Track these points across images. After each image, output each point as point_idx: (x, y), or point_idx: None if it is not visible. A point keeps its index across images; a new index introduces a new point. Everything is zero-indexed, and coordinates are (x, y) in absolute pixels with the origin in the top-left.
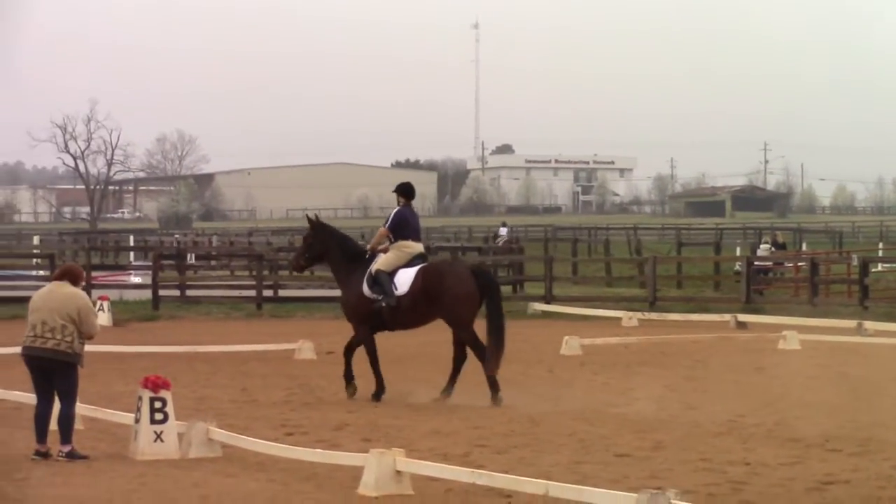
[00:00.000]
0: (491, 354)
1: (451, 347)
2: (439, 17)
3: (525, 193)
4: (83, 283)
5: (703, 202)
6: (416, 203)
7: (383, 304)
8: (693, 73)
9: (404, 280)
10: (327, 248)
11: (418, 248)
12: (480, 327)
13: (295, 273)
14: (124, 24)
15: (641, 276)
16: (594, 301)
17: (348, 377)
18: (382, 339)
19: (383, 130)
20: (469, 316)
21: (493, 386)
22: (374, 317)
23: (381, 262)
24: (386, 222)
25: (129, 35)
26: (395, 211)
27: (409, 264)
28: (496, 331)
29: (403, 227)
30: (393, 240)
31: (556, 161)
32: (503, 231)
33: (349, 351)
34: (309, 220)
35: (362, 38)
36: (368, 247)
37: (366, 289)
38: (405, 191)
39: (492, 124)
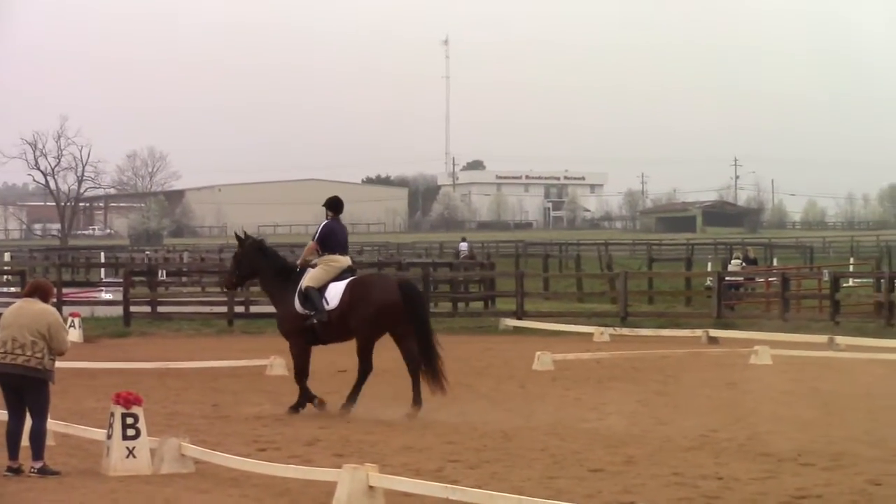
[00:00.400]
0: (429, 370)
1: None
2: (409, 33)
3: (496, 209)
4: (53, 300)
5: (674, 217)
6: (387, 219)
7: (315, 321)
8: (663, 89)
9: (334, 294)
10: (257, 265)
11: (346, 261)
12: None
13: (226, 290)
14: (95, 38)
15: (613, 291)
16: (566, 316)
17: (309, 398)
18: (350, 358)
19: (354, 146)
20: (392, 327)
21: (417, 399)
22: (307, 332)
23: (309, 279)
24: (314, 237)
25: (100, 50)
26: (322, 224)
27: (338, 278)
28: (427, 344)
29: (331, 240)
30: (321, 253)
31: (527, 177)
32: (463, 246)
33: (299, 376)
34: (237, 237)
35: (333, 53)
36: (298, 262)
37: (297, 305)
38: (333, 205)
39: (462, 140)
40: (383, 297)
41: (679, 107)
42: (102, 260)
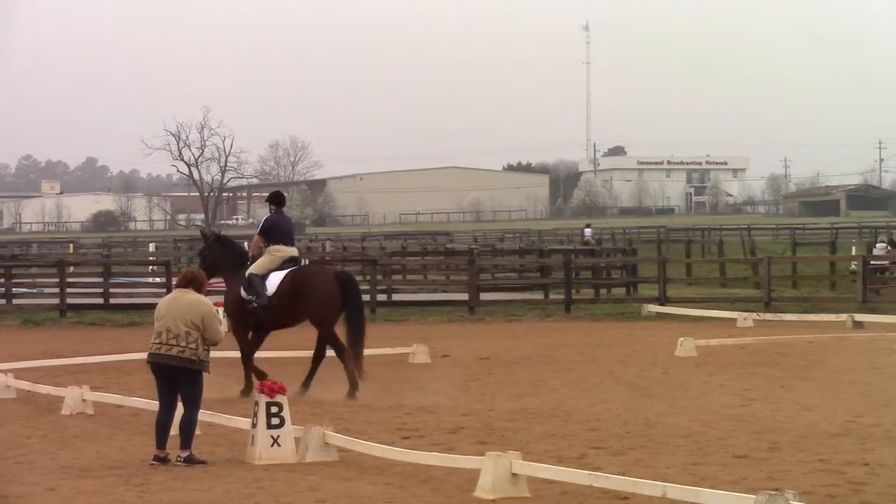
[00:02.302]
0: (351, 354)
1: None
2: (550, 20)
3: (637, 195)
4: (206, 290)
5: (818, 202)
6: (528, 206)
7: (255, 305)
8: (806, 72)
9: (274, 282)
10: (217, 255)
11: (289, 251)
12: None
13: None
14: (235, 32)
15: (756, 276)
16: (709, 302)
17: (258, 375)
18: (492, 344)
19: (495, 134)
20: (330, 315)
21: (353, 383)
22: (250, 317)
23: (254, 267)
24: (258, 230)
25: (241, 42)
26: (265, 218)
27: (280, 267)
28: (356, 331)
29: (274, 232)
30: (266, 244)
31: (669, 162)
32: (588, 232)
33: (245, 357)
34: (202, 233)
35: (472, 41)
36: (250, 254)
37: (242, 291)
38: (275, 199)
39: (603, 126)
40: (319, 287)
41: (822, 90)
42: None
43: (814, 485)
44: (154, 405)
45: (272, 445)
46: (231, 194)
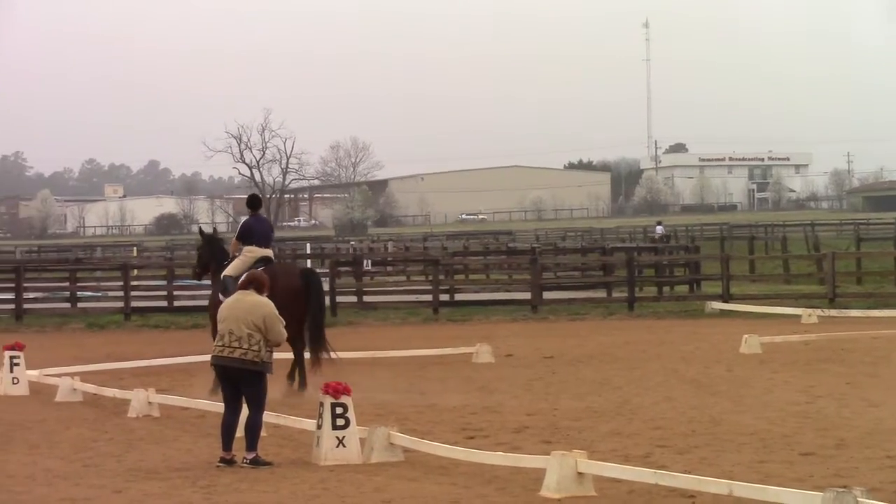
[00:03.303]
0: (312, 352)
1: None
2: (609, 17)
3: (699, 192)
4: (268, 292)
5: (882, 196)
6: (590, 204)
7: None
8: (870, 67)
9: None
10: (207, 256)
11: (262, 252)
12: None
13: (196, 281)
14: (296, 33)
15: (820, 272)
16: (772, 299)
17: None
18: (555, 343)
19: (556, 132)
20: (295, 312)
21: (303, 380)
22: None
23: (229, 269)
24: (236, 233)
25: (301, 45)
26: (242, 221)
27: (253, 268)
28: (315, 327)
29: (248, 235)
30: (242, 246)
31: (730, 159)
32: (659, 229)
33: None
34: (200, 232)
35: (532, 40)
36: (230, 256)
37: (220, 293)
38: (250, 202)
39: (664, 123)
40: (286, 284)
41: (884, 85)
42: (308, 251)
43: (881, 481)
44: (219, 407)
45: (337, 446)
46: (293, 196)
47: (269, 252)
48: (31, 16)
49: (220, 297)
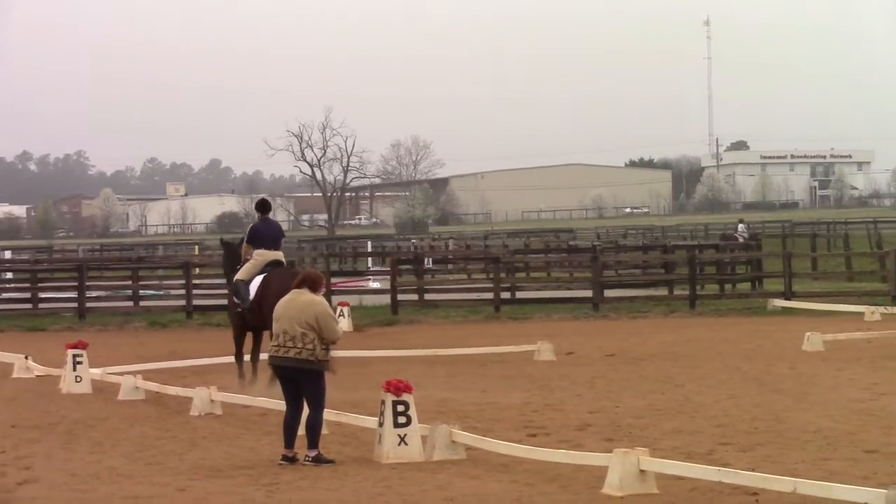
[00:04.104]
0: None
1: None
2: (670, 14)
3: (761, 189)
4: (323, 290)
5: None
6: (651, 202)
7: (239, 309)
8: None
9: (253, 286)
10: (227, 263)
11: (272, 255)
12: None
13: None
14: (357, 31)
15: (883, 269)
16: (835, 296)
17: (239, 374)
18: (616, 341)
19: (616, 130)
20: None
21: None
22: (240, 318)
23: (240, 272)
24: (245, 238)
25: (363, 42)
26: (250, 226)
27: (262, 271)
28: None
29: (258, 238)
30: (252, 250)
31: (792, 156)
32: (741, 228)
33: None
34: (221, 241)
35: (592, 38)
36: (242, 260)
37: (233, 296)
38: (259, 206)
39: (725, 120)
40: (281, 290)
41: None
42: (369, 249)
43: None
44: (281, 405)
45: (399, 444)
46: (353, 194)
47: (278, 255)
48: (94, 19)
49: (235, 298)
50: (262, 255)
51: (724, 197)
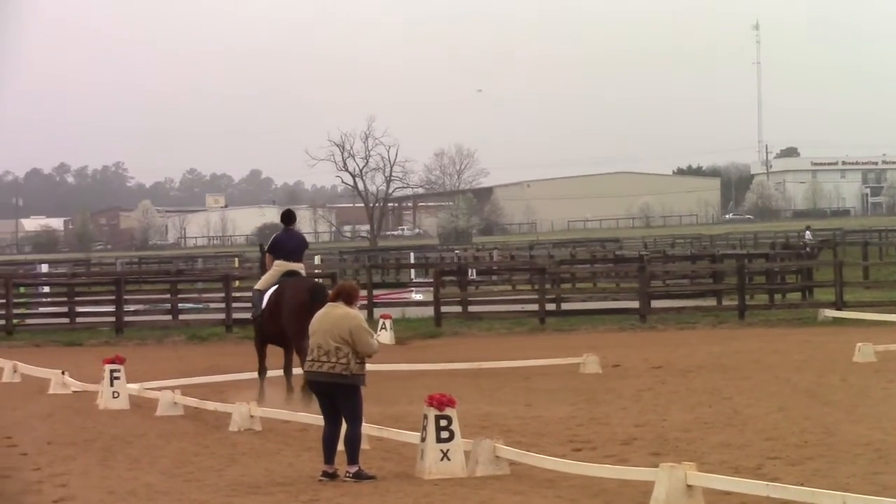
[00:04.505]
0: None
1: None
2: (718, 20)
3: (811, 197)
4: (358, 303)
5: None
6: (699, 210)
7: (251, 317)
8: None
9: (268, 296)
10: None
11: (289, 266)
12: None
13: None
14: (397, 41)
15: None
16: (887, 306)
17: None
18: (664, 352)
19: (664, 137)
20: (295, 328)
21: (289, 382)
22: (258, 329)
23: (259, 283)
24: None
25: (402, 52)
26: (273, 236)
27: (279, 282)
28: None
29: (278, 249)
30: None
31: (844, 163)
32: (808, 235)
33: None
34: (261, 249)
35: (639, 43)
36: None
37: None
38: (283, 218)
39: (775, 127)
40: (292, 300)
41: None
42: (412, 260)
43: None
44: (321, 420)
45: (442, 459)
46: (396, 204)
47: (297, 266)
48: (132, 24)
49: (254, 309)
50: (280, 266)
51: (774, 204)
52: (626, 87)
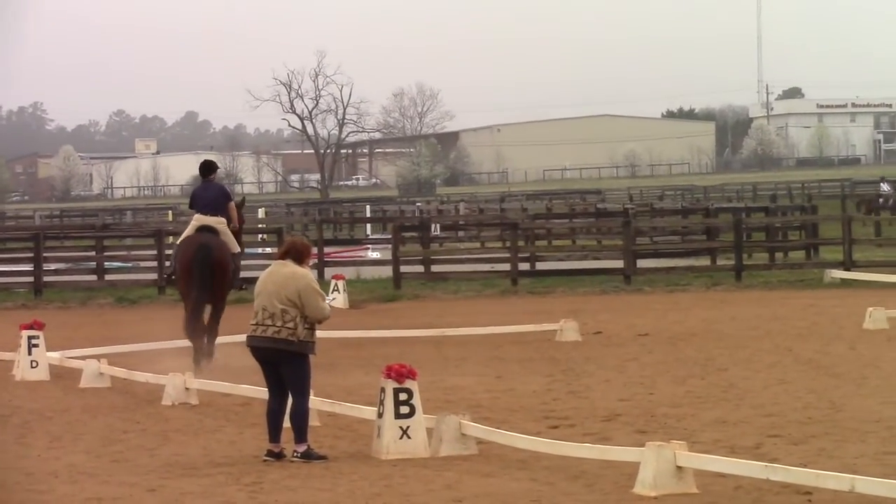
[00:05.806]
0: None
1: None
2: None
3: (817, 143)
4: (309, 262)
5: None
6: (691, 158)
7: (167, 276)
8: None
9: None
10: None
11: (204, 220)
12: None
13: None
14: None
15: None
16: None
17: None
18: (651, 318)
19: (652, 77)
20: (185, 288)
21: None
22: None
23: (180, 238)
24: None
25: None
26: (192, 189)
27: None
28: (193, 309)
29: (196, 202)
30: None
31: (853, 105)
32: (885, 187)
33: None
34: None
35: None
36: None
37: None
38: (200, 169)
39: (777, 65)
40: (183, 257)
41: None
42: (368, 214)
43: None
44: (265, 393)
45: (401, 438)
46: (350, 151)
47: (213, 220)
48: None
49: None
50: (197, 220)
51: (775, 152)
52: (609, 20)
